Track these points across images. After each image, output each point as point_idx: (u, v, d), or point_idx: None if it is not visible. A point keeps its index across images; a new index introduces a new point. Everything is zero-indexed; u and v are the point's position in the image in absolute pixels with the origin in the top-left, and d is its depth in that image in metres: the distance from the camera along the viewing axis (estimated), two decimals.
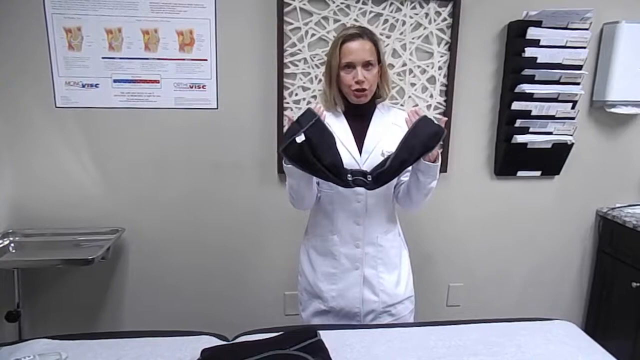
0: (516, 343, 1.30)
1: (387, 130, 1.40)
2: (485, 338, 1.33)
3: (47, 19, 1.81)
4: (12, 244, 1.86)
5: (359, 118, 1.41)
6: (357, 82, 1.32)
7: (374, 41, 1.35)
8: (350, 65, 1.32)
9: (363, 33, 1.34)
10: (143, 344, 1.26)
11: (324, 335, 1.25)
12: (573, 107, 2.07)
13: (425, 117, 1.27)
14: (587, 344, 1.35)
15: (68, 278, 2.05)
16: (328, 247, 1.46)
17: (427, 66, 2.02)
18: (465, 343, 1.29)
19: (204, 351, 1.17)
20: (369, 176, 1.28)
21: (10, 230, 1.89)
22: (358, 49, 1.32)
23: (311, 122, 1.21)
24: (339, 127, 1.39)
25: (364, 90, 1.34)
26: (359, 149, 1.38)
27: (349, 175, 1.27)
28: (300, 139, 1.19)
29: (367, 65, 1.33)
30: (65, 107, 1.90)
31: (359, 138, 1.39)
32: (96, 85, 1.89)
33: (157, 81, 1.92)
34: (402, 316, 1.51)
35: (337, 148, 1.27)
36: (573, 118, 2.09)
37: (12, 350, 1.19)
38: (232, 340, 1.32)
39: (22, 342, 1.27)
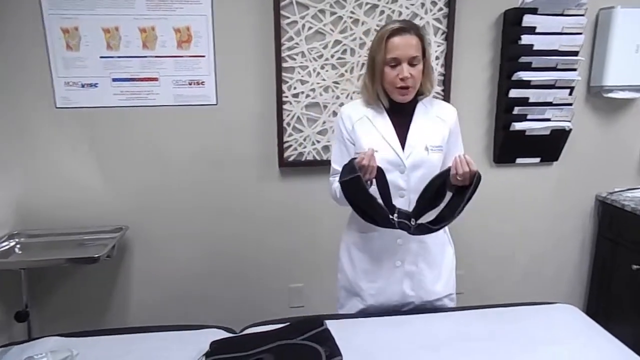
0: (518, 327, 1.32)
1: (431, 125, 1.37)
2: (487, 323, 1.34)
3: (44, 20, 1.81)
4: (19, 245, 1.87)
5: (402, 113, 1.37)
6: (401, 79, 1.28)
7: (420, 36, 1.30)
8: (396, 61, 1.28)
9: (409, 27, 1.29)
10: (152, 339, 1.28)
11: (329, 323, 1.27)
12: (570, 93, 2.08)
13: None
14: (588, 326, 1.37)
15: (74, 277, 2.07)
16: (369, 243, 1.43)
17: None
18: (467, 329, 1.31)
19: (212, 344, 1.19)
20: (412, 220, 1.27)
21: (16, 232, 1.91)
22: (404, 44, 1.27)
23: (350, 177, 1.19)
24: (381, 124, 1.36)
25: (407, 87, 1.30)
26: (402, 145, 1.35)
27: (395, 215, 1.26)
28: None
29: (412, 61, 1.28)
30: (65, 108, 1.91)
31: (402, 134, 1.35)
32: (95, 85, 1.90)
33: (155, 79, 1.93)
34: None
35: (376, 202, 1.24)
36: (571, 104, 2.10)
37: (25, 348, 1.21)
38: (239, 333, 1.34)
39: (33, 340, 1.29)
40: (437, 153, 1.34)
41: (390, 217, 1.25)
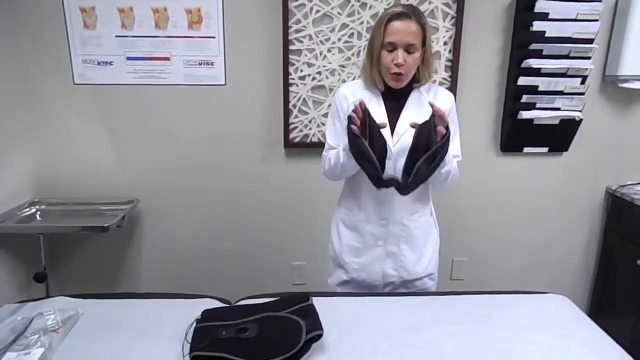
0: (503, 314, 1.34)
1: (423, 112, 1.35)
2: (473, 309, 1.37)
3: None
4: (39, 212, 2.01)
5: (396, 99, 1.39)
6: (395, 65, 1.29)
7: (422, 23, 1.29)
8: (392, 46, 1.28)
9: (411, 13, 1.28)
10: (151, 305, 1.38)
11: (318, 300, 1.32)
12: (583, 83, 2.03)
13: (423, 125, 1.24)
14: (575, 316, 1.37)
15: (89, 244, 2.21)
16: (354, 221, 1.48)
17: (432, 41, 2.00)
18: (450, 313, 1.33)
19: (204, 312, 1.28)
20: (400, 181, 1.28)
21: (37, 199, 2.04)
22: (403, 29, 1.27)
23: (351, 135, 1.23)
24: (375, 109, 1.37)
25: (400, 74, 1.31)
26: (391, 131, 1.37)
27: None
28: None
29: (409, 48, 1.28)
30: (82, 84, 2.00)
31: (393, 119, 1.37)
32: (110, 63, 1.98)
33: (167, 58, 1.99)
34: (419, 291, 1.54)
35: (372, 158, 1.25)
36: (582, 93, 2.05)
37: (36, 306, 1.34)
38: (234, 304, 1.41)
39: (44, 299, 1.41)
40: None
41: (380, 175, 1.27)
